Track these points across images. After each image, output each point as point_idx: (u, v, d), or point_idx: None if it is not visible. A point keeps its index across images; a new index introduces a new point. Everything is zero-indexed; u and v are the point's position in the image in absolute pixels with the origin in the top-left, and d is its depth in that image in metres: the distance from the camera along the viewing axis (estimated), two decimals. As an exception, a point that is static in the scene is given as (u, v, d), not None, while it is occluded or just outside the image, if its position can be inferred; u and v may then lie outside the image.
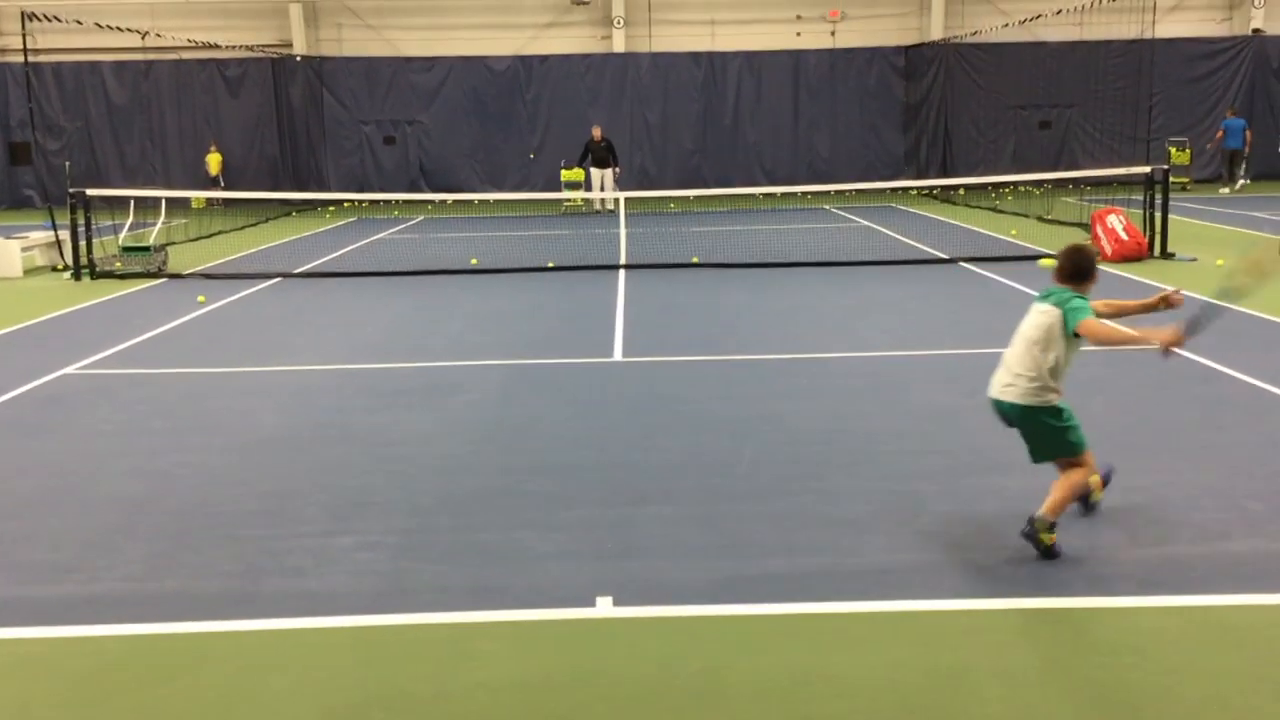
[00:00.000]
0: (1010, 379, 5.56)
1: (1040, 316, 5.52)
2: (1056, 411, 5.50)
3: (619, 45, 31.29)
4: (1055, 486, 5.44)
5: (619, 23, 31.12)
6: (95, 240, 16.68)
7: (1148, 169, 16.74)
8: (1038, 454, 5.62)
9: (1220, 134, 28.32)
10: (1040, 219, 21.18)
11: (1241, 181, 28.19)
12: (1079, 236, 17.01)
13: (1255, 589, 4.99)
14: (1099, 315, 5.52)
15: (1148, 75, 30.52)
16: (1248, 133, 27.98)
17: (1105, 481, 5.93)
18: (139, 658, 4.59)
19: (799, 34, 31.44)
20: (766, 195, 28.60)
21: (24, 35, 21.66)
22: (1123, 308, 5.93)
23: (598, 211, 26.55)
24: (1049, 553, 5.32)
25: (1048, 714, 4.00)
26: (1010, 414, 5.60)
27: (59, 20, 22.00)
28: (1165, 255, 15.78)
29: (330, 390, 9.24)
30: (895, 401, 8.42)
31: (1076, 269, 5.61)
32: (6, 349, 11.25)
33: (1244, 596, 4.92)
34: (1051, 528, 5.32)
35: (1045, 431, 5.52)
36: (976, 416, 7.87)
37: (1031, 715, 3.99)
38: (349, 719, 4.07)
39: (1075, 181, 26.93)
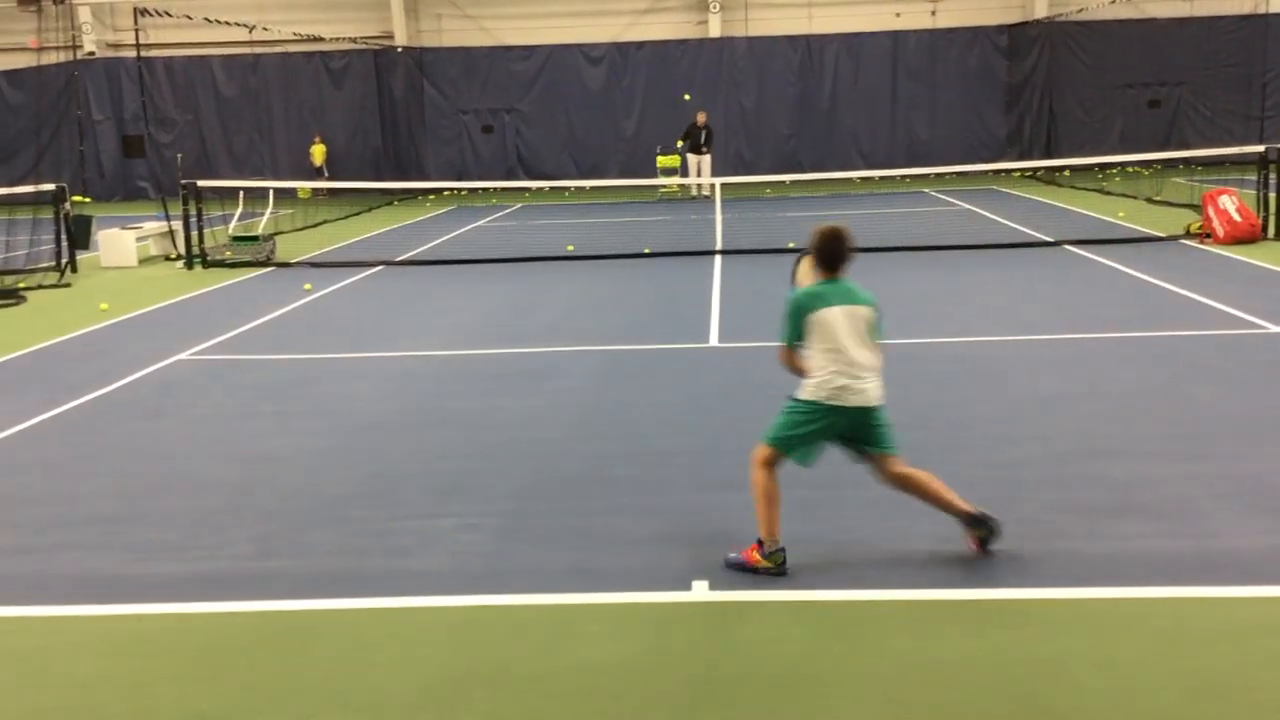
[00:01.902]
0: (874, 382, 5.24)
1: (868, 312, 5.22)
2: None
3: (715, 30, 31.17)
4: (930, 476, 5.30)
5: (715, 7, 31.00)
6: (206, 230, 17.17)
7: (1261, 148, 16.17)
8: (889, 445, 5.27)
9: None
10: (1149, 200, 20.62)
11: None
12: (1190, 218, 16.53)
13: (1372, 581, 4.83)
14: None
15: (1261, 51, 29.51)
16: None
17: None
18: (249, 634, 4.75)
19: (898, 15, 30.97)
20: (864, 179, 28.28)
21: (136, 30, 22.35)
22: None
23: (694, 197, 26.53)
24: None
25: (1149, 704, 3.93)
26: (871, 417, 5.23)
27: (170, 15, 22.67)
28: (1280, 237, 15.27)
29: (430, 375, 9.41)
30: (995, 387, 8.30)
31: (838, 256, 5.27)
32: (123, 336, 11.66)
33: (1360, 588, 4.77)
34: None
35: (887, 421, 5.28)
36: (1079, 403, 7.74)
37: (1133, 705, 3.93)
38: (450, 696, 4.17)
39: (1186, 161, 26.17)
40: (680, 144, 26.57)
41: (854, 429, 5.21)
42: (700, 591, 4.97)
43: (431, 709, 4.08)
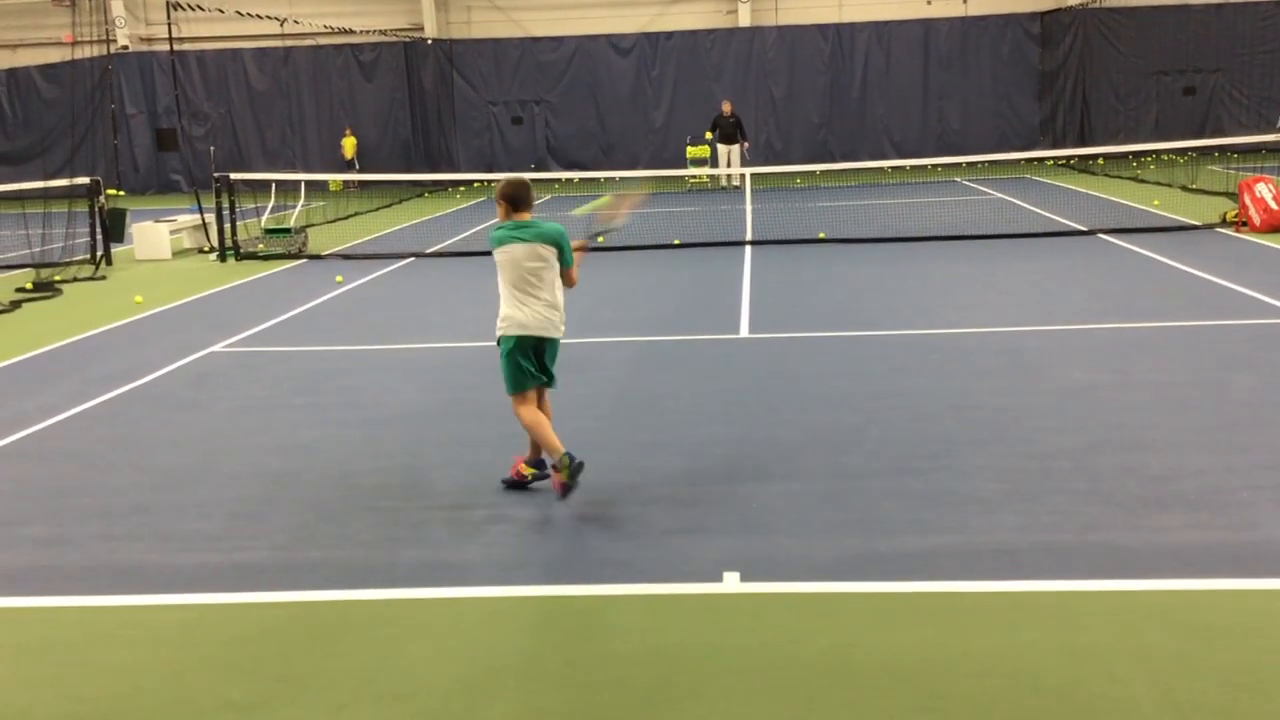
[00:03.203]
0: (554, 315, 6.13)
1: (544, 252, 6.05)
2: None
3: (744, 20, 31.08)
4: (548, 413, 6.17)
5: (745, -3, 30.91)
6: (239, 223, 17.29)
7: (1301, 134, 15.96)
8: (551, 376, 6.19)
9: None
10: (1184, 188, 20.41)
11: None
12: (1226, 206, 16.35)
13: None
14: None
15: (1300, 37, 29.11)
16: None
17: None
18: (284, 624, 4.78)
19: (929, 2, 30.77)
20: (895, 169, 28.13)
21: (169, 24, 22.50)
22: None
23: (723, 188, 26.46)
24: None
25: (1187, 697, 3.89)
26: (551, 345, 6.16)
27: (202, 9, 22.80)
28: (1319, 225, 15.06)
29: (462, 366, 9.44)
30: (1029, 377, 8.24)
31: (522, 200, 6.14)
32: (158, 328, 11.76)
33: (1402, 581, 4.71)
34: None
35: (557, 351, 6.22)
36: (1115, 393, 7.67)
37: (1170, 698, 3.89)
38: (484, 686, 4.18)
39: (1221, 149, 25.88)
40: (709, 135, 26.50)
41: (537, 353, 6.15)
42: (732, 583, 4.97)
43: (465, 699, 4.10)
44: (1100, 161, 27.04)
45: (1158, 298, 11.02)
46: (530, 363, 6.10)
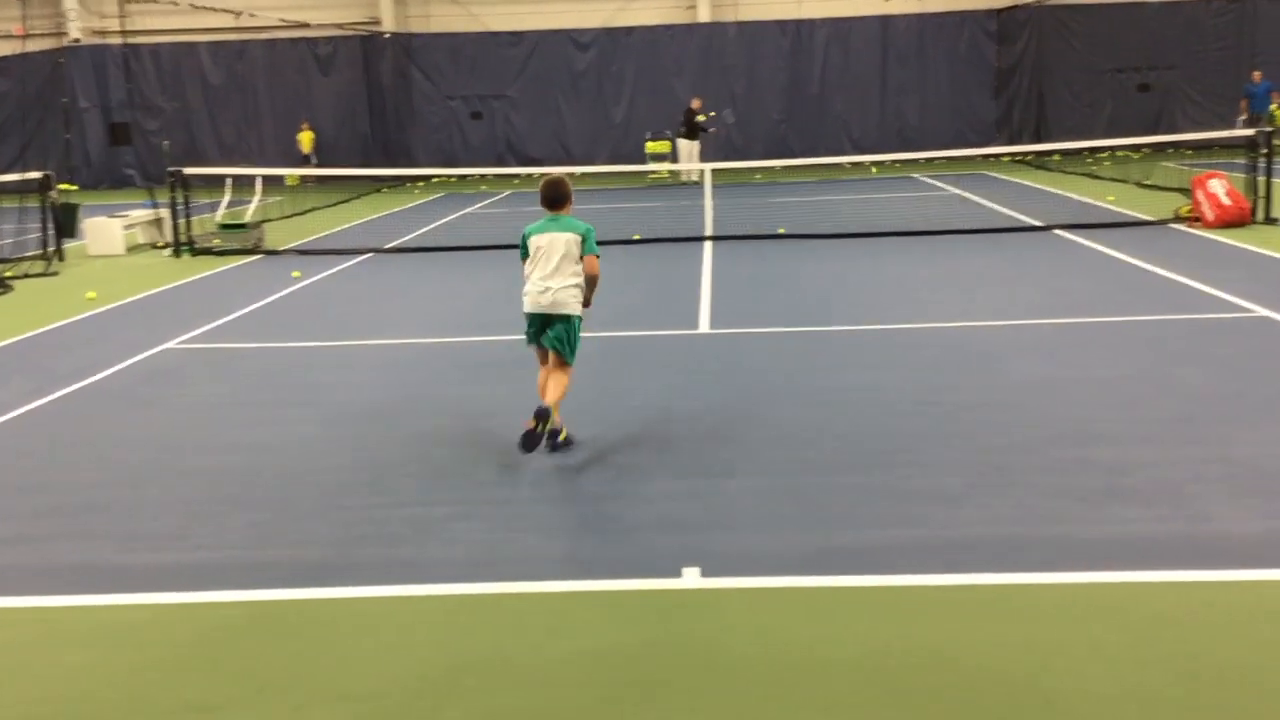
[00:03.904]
0: (565, 295, 6.77)
1: (571, 236, 6.86)
2: (580, 320, 6.91)
3: (704, 15, 31.12)
4: (557, 383, 6.76)
5: (704, -8, 30.93)
6: (194, 218, 17.10)
7: (1250, 131, 16.19)
8: (570, 353, 6.85)
9: (1245, 101, 26.87)
10: (1139, 184, 20.65)
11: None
12: (1179, 202, 16.56)
13: (1364, 564, 4.85)
14: None
15: (1250, 34, 29.55)
16: (1274, 94, 26.64)
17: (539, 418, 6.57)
18: (243, 624, 4.73)
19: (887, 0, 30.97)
20: (854, 164, 28.28)
21: (121, 17, 22.22)
22: None
23: (684, 183, 26.49)
24: (568, 441, 6.78)
25: (1145, 689, 3.94)
26: (558, 322, 6.80)
27: (155, 2, 22.52)
28: (1269, 220, 15.29)
29: (423, 363, 9.39)
30: (988, 372, 8.31)
31: (563, 198, 6.96)
32: (111, 324, 11.60)
33: (1352, 571, 4.79)
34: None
35: (576, 333, 6.87)
36: (1071, 387, 7.75)
37: (1129, 689, 3.93)
38: (445, 684, 4.16)
39: (1175, 145, 26.22)
40: (701, 120, 26.25)
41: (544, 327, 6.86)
42: (693, 579, 4.97)
43: (428, 697, 4.07)
44: (1056, 158, 27.32)
45: (1112, 293, 11.14)
46: (534, 330, 6.89)
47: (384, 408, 8.00)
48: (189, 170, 17.46)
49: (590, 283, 6.94)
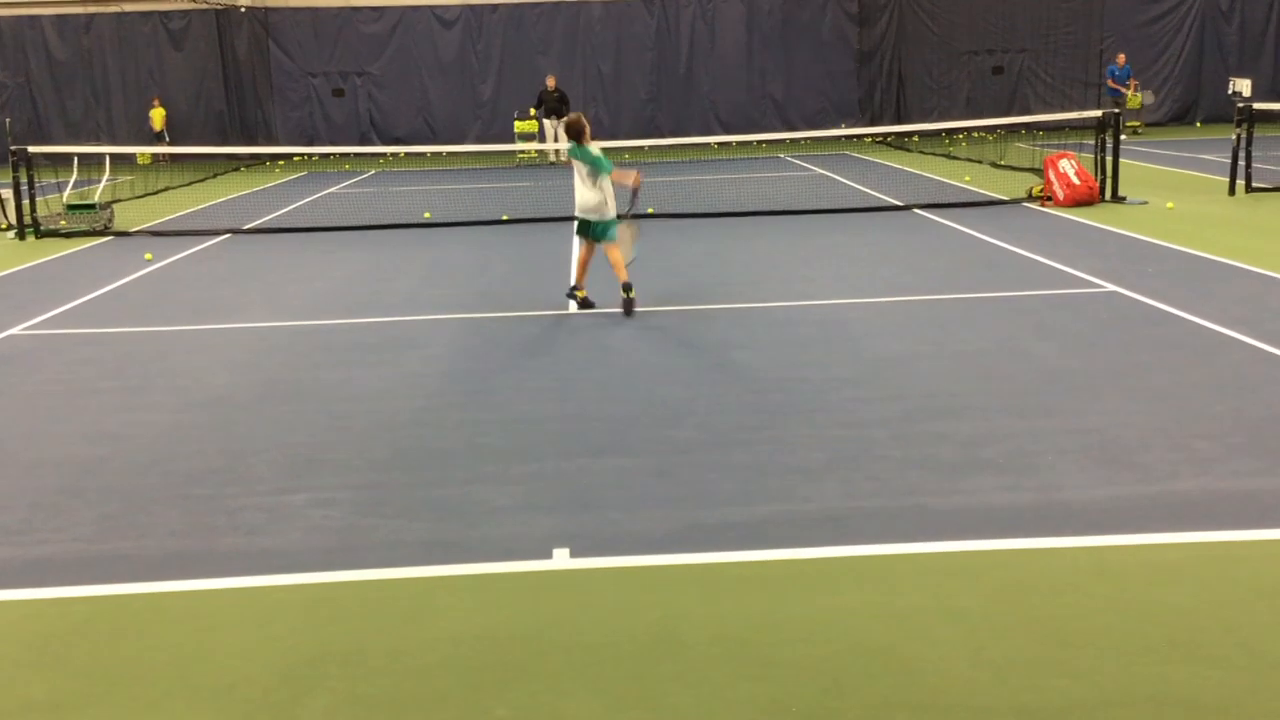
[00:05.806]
0: (599, 207, 9.84)
1: (587, 167, 9.78)
2: (616, 218, 9.95)
3: (570, -8, 30.92)
4: (616, 261, 9.87)
5: (570, -30, 30.72)
6: (39, 198, 16.36)
7: (1099, 113, 16.81)
8: (607, 237, 9.87)
9: (1112, 83, 27.94)
10: (994, 165, 21.25)
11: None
12: (1032, 181, 17.10)
13: (1202, 527, 5.07)
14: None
15: (1098, 19, 30.66)
16: (1131, 81, 27.80)
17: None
18: (91, 620, 4.55)
19: (751, -20, 31.21)
20: (722, 145, 28.48)
21: (-42, -12, 21.09)
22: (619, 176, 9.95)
23: (552, 163, 26.35)
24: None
25: (999, 652, 4.06)
26: (599, 227, 9.87)
27: (-6, -28, 21.40)
28: (1116, 199, 15.90)
29: (282, 347, 9.15)
30: (850, 349, 8.46)
31: (579, 132, 9.84)
32: (-51, 310, 11.02)
33: (1190, 535, 5.00)
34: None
35: (612, 225, 9.88)
36: (929, 363, 7.94)
37: (983, 653, 4.05)
38: (306, 675, 4.06)
39: (1028, 126, 27.04)
40: (534, 111, 26.30)
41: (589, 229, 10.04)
42: (561, 560, 4.95)
43: (286, 690, 3.97)
44: (915, 139, 27.96)
45: (969, 270, 11.45)
46: (581, 226, 10.02)
47: (241, 393, 7.77)
48: (33, 148, 16.68)
49: (621, 187, 9.87)
